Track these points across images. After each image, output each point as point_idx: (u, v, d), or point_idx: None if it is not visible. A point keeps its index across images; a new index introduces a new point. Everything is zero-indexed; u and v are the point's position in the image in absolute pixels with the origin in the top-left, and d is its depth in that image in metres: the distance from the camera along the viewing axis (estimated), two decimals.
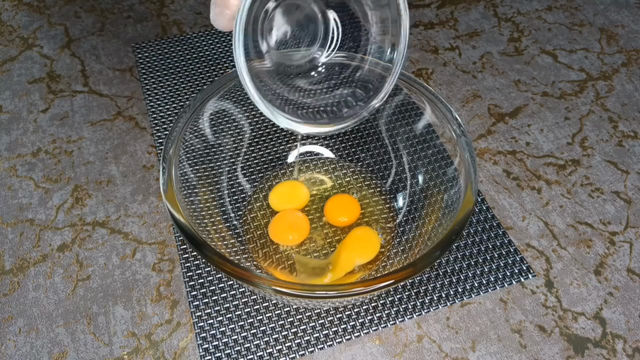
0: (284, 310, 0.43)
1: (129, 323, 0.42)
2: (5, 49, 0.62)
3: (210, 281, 0.44)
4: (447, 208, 0.40)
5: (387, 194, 0.48)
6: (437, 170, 0.44)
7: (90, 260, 0.45)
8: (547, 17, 0.68)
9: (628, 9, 0.69)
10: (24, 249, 0.46)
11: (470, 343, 0.42)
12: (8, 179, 0.51)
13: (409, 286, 0.44)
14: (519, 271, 0.45)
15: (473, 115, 0.57)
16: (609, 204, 0.50)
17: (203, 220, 0.41)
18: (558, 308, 0.44)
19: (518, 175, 0.52)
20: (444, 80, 0.60)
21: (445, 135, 0.42)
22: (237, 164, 0.48)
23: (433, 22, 0.66)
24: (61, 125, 0.55)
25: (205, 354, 0.40)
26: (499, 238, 0.47)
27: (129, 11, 0.67)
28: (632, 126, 0.56)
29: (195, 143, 0.43)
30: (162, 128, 0.55)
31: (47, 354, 0.41)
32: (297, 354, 0.41)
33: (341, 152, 0.51)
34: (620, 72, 0.62)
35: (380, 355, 0.41)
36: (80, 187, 0.50)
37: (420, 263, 0.34)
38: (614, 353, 0.41)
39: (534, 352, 0.41)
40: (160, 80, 0.59)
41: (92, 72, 0.60)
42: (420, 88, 0.43)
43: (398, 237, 0.45)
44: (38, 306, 0.43)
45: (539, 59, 0.63)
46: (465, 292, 0.44)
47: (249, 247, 0.45)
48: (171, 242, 0.47)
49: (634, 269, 0.46)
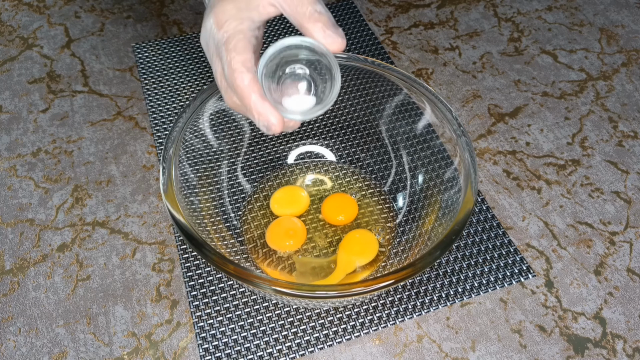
0: (284, 310, 0.43)
1: (129, 323, 0.42)
2: (5, 49, 0.62)
3: (210, 281, 0.44)
4: (447, 208, 0.40)
5: (387, 194, 0.48)
6: (437, 170, 0.44)
7: (90, 260, 0.45)
8: (547, 17, 0.68)
9: (628, 9, 0.69)
10: (24, 249, 0.46)
11: (470, 343, 0.42)
12: (8, 179, 0.51)
13: (409, 286, 0.44)
14: (519, 271, 0.45)
15: (473, 115, 0.57)
16: (609, 204, 0.50)
17: (203, 220, 0.41)
18: (558, 308, 0.44)
19: (518, 175, 0.52)
20: (444, 80, 0.60)
21: (445, 135, 0.42)
22: (237, 164, 0.48)
23: (433, 22, 0.67)
24: (61, 125, 0.55)
25: (205, 354, 0.40)
26: (499, 238, 0.47)
27: (129, 11, 0.67)
28: (632, 126, 0.56)
29: (195, 143, 0.43)
30: (162, 128, 0.55)
31: (47, 354, 0.41)
32: (297, 354, 0.41)
33: (341, 152, 0.51)
34: (620, 72, 0.62)
35: (380, 355, 0.41)
36: (80, 187, 0.50)
37: (420, 263, 0.34)
38: (614, 353, 0.41)
39: (534, 352, 0.41)
40: (160, 80, 0.59)
41: (92, 72, 0.60)
42: (420, 88, 0.43)
43: (398, 237, 0.45)
44: (38, 306, 0.43)
45: (539, 59, 0.63)
46: (465, 292, 0.44)
47: (248, 247, 0.45)
48: (171, 242, 0.47)
49: (634, 269, 0.46)
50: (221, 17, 0.33)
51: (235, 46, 0.32)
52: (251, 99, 0.32)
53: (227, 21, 0.33)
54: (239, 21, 0.33)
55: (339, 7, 0.67)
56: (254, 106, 0.33)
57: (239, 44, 0.33)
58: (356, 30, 0.65)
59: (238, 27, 0.33)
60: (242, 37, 0.33)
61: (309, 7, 0.33)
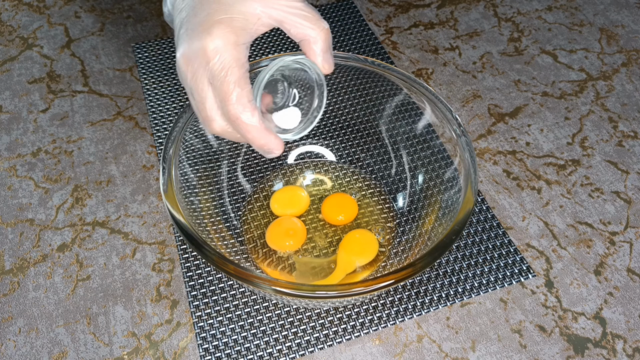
0: (284, 310, 0.43)
1: (129, 323, 0.42)
2: (5, 49, 0.62)
3: (210, 281, 0.44)
4: (447, 208, 0.40)
5: (387, 194, 0.48)
6: (437, 170, 0.44)
7: (90, 260, 0.45)
8: (547, 17, 0.68)
9: (628, 9, 0.69)
10: (24, 249, 0.46)
11: (470, 343, 0.42)
12: (8, 179, 0.51)
13: (409, 286, 0.44)
14: (519, 271, 0.45)
15: (473, 115, 0.57)
16: (609, 204, 0.50)
17: (203, 220, 0.41)
18: (558, 308, 0.44)
19: (518, 175, 0.52)
20: (444, 80, 0.60)
21: (445, 135, 0.42)
22: (237, 164, 0.48)
23: (433, 22, 0.67)
24: (61, 125, 0.55)
25: (205, 354, 0.40)
26: (499, 238, 0.47)
27: (129, 11, 0.67)
28: (632, 126, 0.56)
29: (195, 143, 0.43)
30: (162, 128, 0.55)
31: (47, 354, 0.41)
32: (297, 354, 0.41)
33: (341, 152, 0.51)
34: (620, 72, 0.62)
35: (380, 355, 0.41)
36: (80, 187, 0.50)
37: (420, 263, 0.34)
38: (614, 353, 0.41)
39: (534, 352, 0.41)
40: (160, 80, 0.59)
41: (92, 72, 0.60)
42: (420, 88, 0.43)
43: (398, 237, 0.45)
44: (38, 306, 0.43)
45: (539, 59, 0.63)
46: (465, 292, 0.44)
47: (248, 247, 0.45)
48: (171, 242, 0.47)
49: (634, 269, 0.46)
50: (216, 41, 0.31)
51: (238, 80, 0.31)
52: (255, 133, 0.32)
53: (223, 46, 0.31)
54: (234, 47, 0.31)
55: (339, 7, 0.67)
56: (257, 138, 0.32)
57: (242, 78, 0.31)
58: (356, 30, 0.64)
59: (235, 54, 0.31)
60: (242, 68, 0.32)
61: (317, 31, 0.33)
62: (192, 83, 0.32)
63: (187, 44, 0.32)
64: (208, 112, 0.33)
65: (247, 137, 0.33)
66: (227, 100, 0.31)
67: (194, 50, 0.31)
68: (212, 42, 0.31)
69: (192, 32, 0.32)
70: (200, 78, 0.32)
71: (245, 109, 0.31)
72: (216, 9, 0.32)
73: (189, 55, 0.31)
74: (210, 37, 0.31)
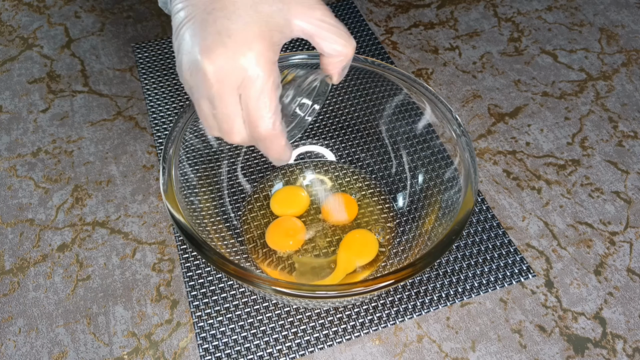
0: (284, 310, 0.43)
1: (129, 323, 0.42)
2: (5, 49, 0.62)
3: (210, 281, 0.44)
4: (447, 208, 0.40)
5: (387, 194, 0.48)
6: (437, 170, 0.44)
7: (90, 260, 0.45)
8: (547, 17, 0.68)
9: (628, 9, 0.69)
10: (24, 249, 0.46)
11: (470, 343, 0.42)
12: (8, 179, 0.51)
13: (409, 286, 0.44)
14: (519, 271, 0.45)
15: (473, 115, 0.57)
16: (609, 204, 0.50)
17: (203, 220, 0.41)
18: (558, 308, 0.44)
19: (518, 175, 0.52)
20: (444, 80, 0.60)
21: (445, 135, 0.42)
22: (237, 164, 0.48)
23: (433, 22, 0.67)
24: (61, 125, 0.55)
25: (205, 354, 0.40)
26: (499, 238, 0.47)
27: (129, 11, 0.67)
28: (632, 126, 0.56)
29: (195, 143, 0.43)
30: (162, 128, 0.55)
31: (47, 354, 0.41)
32: (297, 354, 0.41)
33: (341, 152, 0.51)
34: (620, 72, 0.62)
35: (380, 355, 0.41)
36: (80, 187, 0.50)
37: (420, 263, 0.34)
38: (614, 353, 0.41)
39: (534, 352, 0.41)
40: (160, 80, 0.59)
41: (92, 72, 0.60)
42: (420, 88, 0.43)
43: (398, 237, 0.45)
44: (38, 306, 0.43)
45: (539, 59, 0.63)
46: (465, 292, 0.44)
47: (248, 247, 0.45)
48: (171, 242, 0.47)
49: (634, 269, 0.46)
50: (259, 60, 0.28)
51: (276, 107, 0.30)
52: (279, 149, 0.32)
53: (263, 68, 0.29)
54: (272, 66, 0.29)
55: (339, 7, 0.67)
56: (278, 153, 0.32)
57: (278, 103, 0.30)
58: (356, 30, 0.64)
59: (274, 77, 0.29)
60: (278, 91, 0.30)
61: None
62: (218, 94, 0.29)
63: (223, 53, 0.28)
64: (236, 127, 0.31)
65: (268, 152, 0.32)
66: (260, 124, 0.30)
67: (232, 64, 0.28)
68: (255, 62, 0.28)
69: (229, 39, 0.28)
70: (231, 92, 0.29)
71: (277, 131, 0.31)
72: (256, 20, 0.29)
73: (223, 66, 0.28)
74: (251, 52, 0.28)
